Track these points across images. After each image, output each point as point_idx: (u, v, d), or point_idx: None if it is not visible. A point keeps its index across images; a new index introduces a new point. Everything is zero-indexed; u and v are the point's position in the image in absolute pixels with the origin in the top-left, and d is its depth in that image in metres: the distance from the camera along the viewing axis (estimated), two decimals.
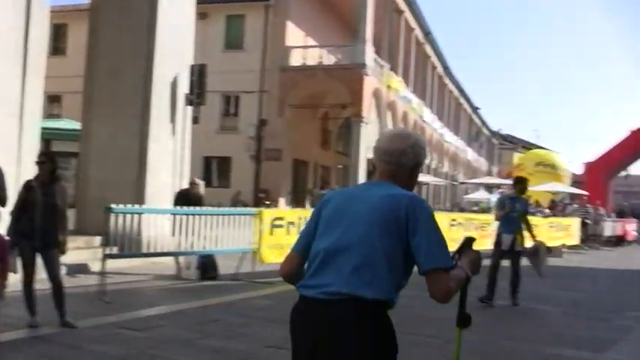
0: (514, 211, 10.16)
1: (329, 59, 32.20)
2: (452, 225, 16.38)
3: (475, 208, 46.46)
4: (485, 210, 33.68)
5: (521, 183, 10.53)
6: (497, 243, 10.29)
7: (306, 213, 12.35)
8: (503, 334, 8.00)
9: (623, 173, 45.68)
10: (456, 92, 61.15)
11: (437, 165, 53.76)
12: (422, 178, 40.39)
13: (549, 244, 20.74)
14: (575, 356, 6.91)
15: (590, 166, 41.11)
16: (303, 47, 30.86)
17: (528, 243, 10.43)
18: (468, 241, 2.71)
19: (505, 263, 10.23)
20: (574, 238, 22.53)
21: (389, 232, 2.47)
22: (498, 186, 35.42)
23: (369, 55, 31.06)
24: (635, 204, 52.63)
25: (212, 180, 29.78)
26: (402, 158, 2.69)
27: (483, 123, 79.94)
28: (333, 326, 2.41)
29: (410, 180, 2.74)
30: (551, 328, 8.56)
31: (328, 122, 40.01)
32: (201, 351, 6.23)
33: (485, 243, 17.63)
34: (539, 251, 10.30)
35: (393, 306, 2.50)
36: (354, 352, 2.38)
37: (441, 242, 2.49)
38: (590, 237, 24.72)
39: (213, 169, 31.41)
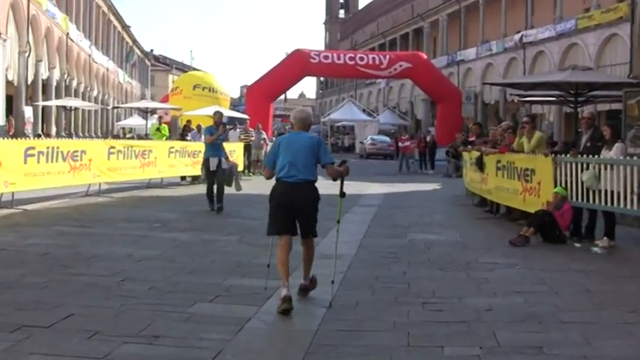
0: (220, 138, 13.94)
1: None
2: (111, 153, 15.80)
3: (130, 135, 45.89)
4: (142, 137, 33.32)
5: (218, 114, 14.41)
6: (207, 166, 13.83)
7: None
8: (182, 268, 7.95)
9: (282, 97, 49.06)
10: (105, 8, 58.83)
11: (85, 88, 51.62)
12: (70, 102, 38.43)
13: None
14: (255, 285, 7.14)
15: (251, 89, 43.12)
16: None
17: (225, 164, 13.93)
18: (344, 162, 6.85)
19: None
20: (239, 163, 23.45)
21: (313, 152, 6.55)
22: (154, 111, 34.97)
23: None
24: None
25: None
26: (307, 121, 6.93)
27: (135, 42, 78.55)
28: (301, 191, 6.49)
29: (309, 129, 6.96)
30: (229, 258, 8.78)
31: None
32: None
33: (149, 172, 17.59)
34: (233, 169, 14.66)
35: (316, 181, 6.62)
36: (311, 199, 6.58)
37: (329, 153, 6.86)
38: (254, 162, 26.00)
39: None
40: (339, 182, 6.85)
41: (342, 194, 6.83)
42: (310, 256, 6.81)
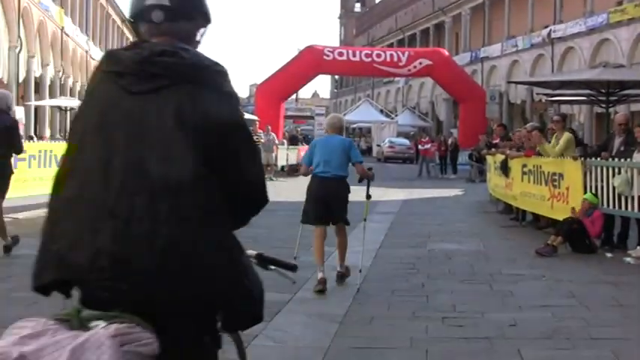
0: None
1: None
2: None
3: None
4: None
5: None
6: None
7: None
8: None
9: (293, 96, 48.98)
10: (102, 0, 59.14)
11: (82, 87, 51.84)
12: (65, 102, 38.61)
13: None
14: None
15: (260, 88, 43.20)
16: None
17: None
18: (370, 168, 8.41)
19: None
20: None
21: (344, 152, 8.06)
22: None
23: None
24: (307, 130, 57.20)
25: None
26: (337, 125, 8.55)
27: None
28: (334, 186, 7.99)
29: (341, 133, 8.59)
30: None
31: None
32: None
33: None
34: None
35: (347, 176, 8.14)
36: (343, 193, 8.06)
37: (359, 153, 8.61)
38: (264, 167, 26.01)
39: None
40: (364, 187, 8.44)
41: (369, 196, 8.39)
42: (344, 244, 8.25)
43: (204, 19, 2.44)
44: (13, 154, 9.54)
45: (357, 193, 8.36)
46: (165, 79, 2.16)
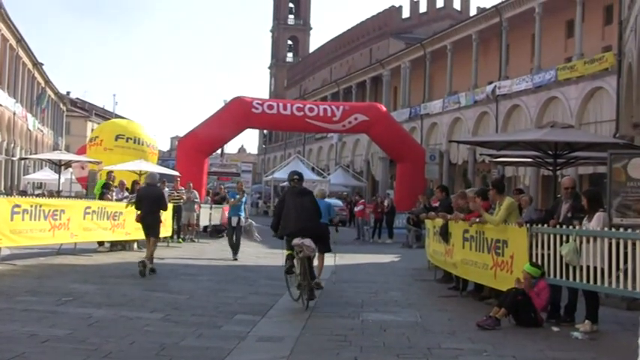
0: (241, 201, 20.90)
1: None
2: (15, 212, 15.53)
3: (39, 192, 45.20)
4: (54, 194, 32.82)
5: (240, 184, 23.04)
6: (229, 222, 20.84)
7: None
8: (95, 350, 7.79)
9: (218, 151, 48.72)
10: (12, 41, 58.53)
11: None
12: None
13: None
14: None
15: (183, 142, 43.03)
16: None
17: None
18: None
19: None
20: (167, 228, 23.31)
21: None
22: (68, 164, 34.51)
23: None
24: (231, 187, 56.86)
25: None
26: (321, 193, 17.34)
27: (48, 83, 78.11)
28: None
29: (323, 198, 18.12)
30: (152, 339, 8.65)
31: None
32: None
33: (61, 236, 17.24)
34: (251, 226, 22.26)
35: None
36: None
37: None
38: (184, 226, 25.81)
39: None
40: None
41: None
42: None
43: (302, 179, 13.65)
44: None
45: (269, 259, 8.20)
46: (305, 194, 12.90)
